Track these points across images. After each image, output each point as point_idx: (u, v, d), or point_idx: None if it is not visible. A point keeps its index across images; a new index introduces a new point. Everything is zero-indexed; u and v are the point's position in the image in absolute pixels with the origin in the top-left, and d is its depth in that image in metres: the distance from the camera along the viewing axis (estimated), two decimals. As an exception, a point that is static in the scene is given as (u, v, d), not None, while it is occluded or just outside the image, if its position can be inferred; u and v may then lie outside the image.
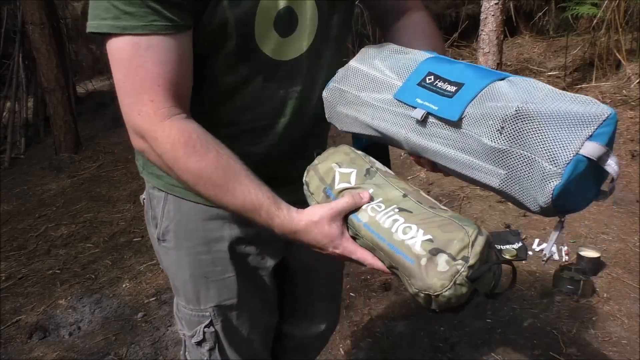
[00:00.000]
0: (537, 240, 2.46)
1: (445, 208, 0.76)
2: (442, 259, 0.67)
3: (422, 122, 0.76)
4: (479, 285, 0.68)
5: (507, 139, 0.67)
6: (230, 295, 1.03)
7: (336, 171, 0.83)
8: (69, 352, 2.10)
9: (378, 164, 0.86)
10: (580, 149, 0.62)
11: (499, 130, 0.68)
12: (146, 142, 0.80)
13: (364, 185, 0.80)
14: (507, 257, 2.35)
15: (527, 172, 0.67)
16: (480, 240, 0.68)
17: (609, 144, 0.63)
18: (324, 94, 0.90)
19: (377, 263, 0.77)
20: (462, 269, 0.66)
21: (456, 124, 0.73)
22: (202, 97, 0.87)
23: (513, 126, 0.67)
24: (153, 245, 1.10)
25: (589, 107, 0.64)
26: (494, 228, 2.62)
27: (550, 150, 0.63)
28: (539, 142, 0.65)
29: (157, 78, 0.76)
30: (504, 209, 2.81)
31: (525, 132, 0.66)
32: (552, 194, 0.64)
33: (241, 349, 1.09)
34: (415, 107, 0.77)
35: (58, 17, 5.09)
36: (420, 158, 0.82)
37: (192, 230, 0.99)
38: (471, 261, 0.66)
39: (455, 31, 5.29)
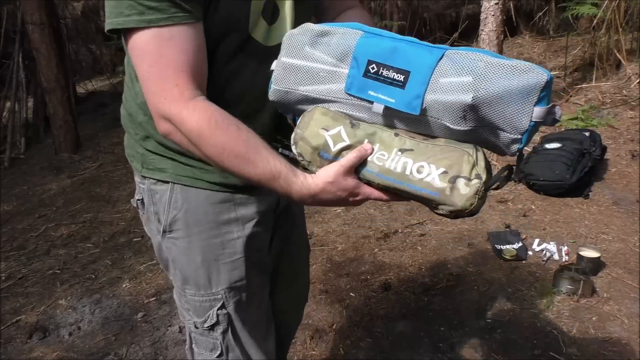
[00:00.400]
0: (537, 240, 2.46)
1: (433, 136, 0.85)
2: (461, 183, 0.80)
3: (385, 114, 0.84)
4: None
5: (471, 122, 0.80)
6: (240, 276, 1.07)
7: (325, 135, 0.87)
8: (69, 352, 2.10)
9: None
10: (532, 116, 0.76)
11: (462, 117, 0.79)
12: (172, 124, 0.86)
13: (357, 138, 0.86)
14: (507, 257, 2.35)
15: (493, 138, 0.81)
16: (481, 156, 0.81)
17: (550, 100, 0.78)
18: (271, 97, 0.93)
19: (393, 197, 0.88)
20: (480, 186, 0.80)
21: (420, 115, 0.81)
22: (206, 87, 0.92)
23: (474, 113, 0.78)
24: (154, 243, 1.11)
25: (529, 76, 0.75)
26: (494, 228, 2.62)
27: (510, 124, 0.77)
28: (498, 119, 0.78)
29: (181, 64, 0.84)
30: (504, 209, 2.81)
31: (485, 114, 0.78)
32: (516, 150, 0.81)
33: (252, 331, 1.12)
34: (371, 101, 0.84)
35: (58, 17, 5.08)
36: None
37: (201, 214, 1.03)
38: (484, 177, 0.80)
39: (455, 31, 5.29)
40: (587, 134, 3.02)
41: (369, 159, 0.85)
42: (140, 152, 1.04)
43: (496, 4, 3.44)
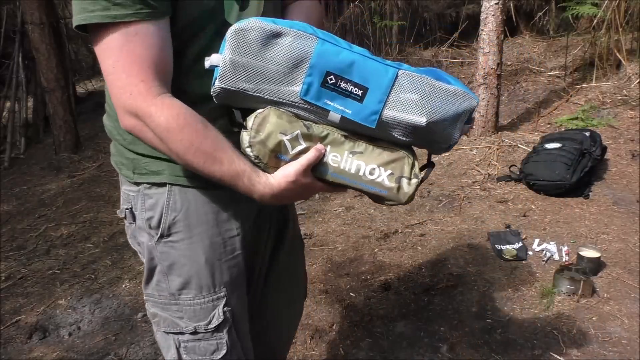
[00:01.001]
0: (537, 240, 2.46)
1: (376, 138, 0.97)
2: (404, 182, 0.96)
3: (340, 121, 0.91)
4: None
5: (417, 137, 0.93)
6: (239, 272, 1.09)
7: (284, 140, 0.91)
8: (68, 352, 2.10)
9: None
10: (461, 132, 0.95)
11: (411, 132, 0.91)
12: (139, 119, 0.86)
13: (312, 141, 0.92)
14: (508, 257, 2.35)
15: (428, 146, 0.98)
16: (415, 159, 0.97)
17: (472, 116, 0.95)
18: (214, 93, 0.89)
19: (340, 190, 0.99)
20: (418, 183, 0.97)
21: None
22: (178, 78, 0.92)
23: (423, 132, 0.91)
24: (145, 253, 1.08)
25: (465, 102, 0.91)
26: (494, 228, 2.62)
27: (446, 140, 0.95)
28: (438, 136, 0.94)
29: (146, 60, 0.85)
30: (504, 209, 2.81)
31: (431, 133, 0.92)
32: (442, 152, 1.00)
33: (246, 328, 1.14)
34: (326, 110, 0.89)
35: (58, 17, 5.08)
36: None
37: (202, 214, 1.03)
38: (420, 175, 0.98)
39: (455, 31, 5.29)
40: (587, 134, 3.02)
41: (324, 159, 0.93)
42: (131, 157, 1.02)
43: (496, 3, 3.44)
